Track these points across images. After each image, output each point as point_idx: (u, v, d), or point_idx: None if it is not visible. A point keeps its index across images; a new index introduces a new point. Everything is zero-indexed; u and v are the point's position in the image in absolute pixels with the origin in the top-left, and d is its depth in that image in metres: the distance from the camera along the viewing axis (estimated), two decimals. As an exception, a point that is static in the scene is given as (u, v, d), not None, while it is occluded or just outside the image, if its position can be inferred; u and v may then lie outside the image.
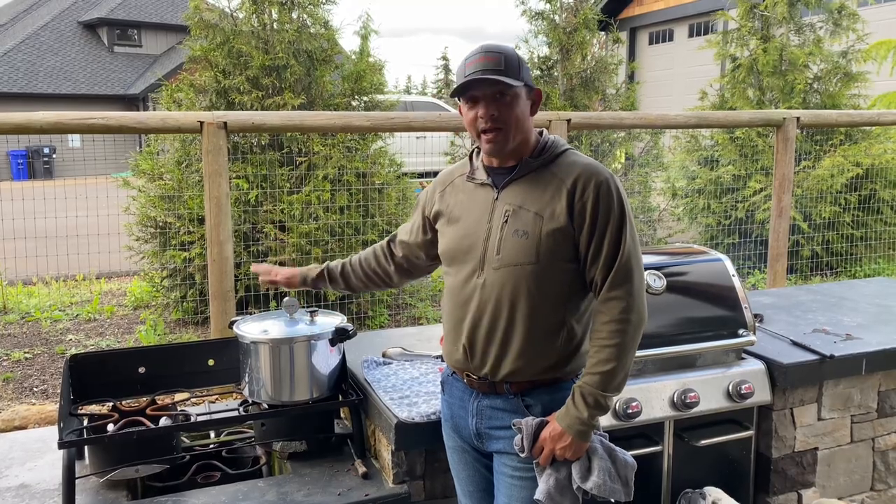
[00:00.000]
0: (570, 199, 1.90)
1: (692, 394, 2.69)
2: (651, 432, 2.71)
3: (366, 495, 2.37)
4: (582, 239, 1.91)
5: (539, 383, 1.98)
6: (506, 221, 1.94)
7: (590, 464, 1.92)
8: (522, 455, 1.92)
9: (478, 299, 1.97)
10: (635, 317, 1.90)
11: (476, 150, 2.08)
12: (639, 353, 2.23)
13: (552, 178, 1.94)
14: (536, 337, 1.94)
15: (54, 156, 21.81)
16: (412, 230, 2.27)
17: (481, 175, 2.03)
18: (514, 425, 1.95)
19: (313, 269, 2.46)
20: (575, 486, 1.91)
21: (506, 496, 2.01)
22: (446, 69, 40.04)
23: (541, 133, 2.03)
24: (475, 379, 2.02)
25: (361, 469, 2.49)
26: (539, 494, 1.90)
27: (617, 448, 1.98)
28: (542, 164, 1.96)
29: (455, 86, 1.94)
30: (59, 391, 3.74)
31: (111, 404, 2.65)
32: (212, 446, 2.79)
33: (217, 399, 2.99)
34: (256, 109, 5.74)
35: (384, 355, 2.91)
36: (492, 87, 1.90)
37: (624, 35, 16.68)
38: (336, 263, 2.44)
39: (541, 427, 1.92)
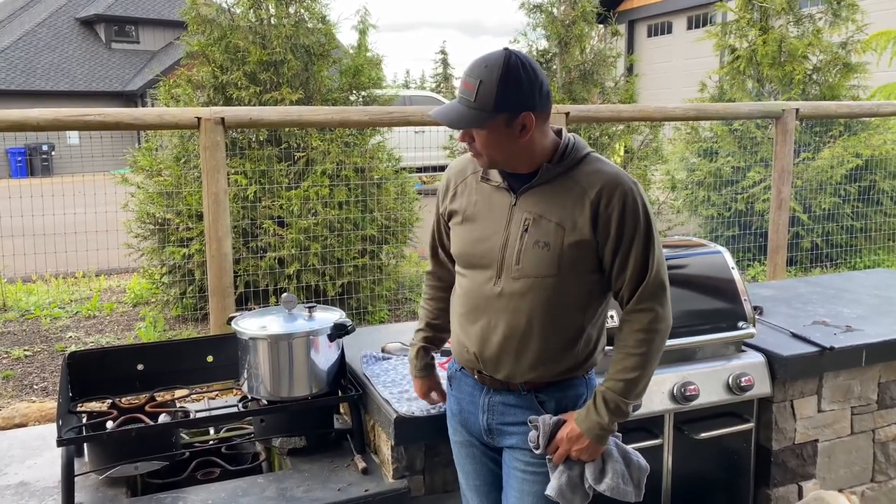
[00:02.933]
0: (595, 210, 1.82)
1: (692, 387, 2.68)
2: (651, 426, 2.70)
3: (365, 490, 2.37)
4: (606, 251, 1.85)
5: (552, 383, 1.97)
6: (525, 230, 1.86)
7: (604, 465, 1.92)
8: (537, 451, 1.91)
9: (494, 308, 1.92)
10: (663, 326, 1.89)
11: None
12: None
13: (574, 185, 1.84)
14: (554, 347, 1.91)
15: (53, 153, 21.79)
16: (441, 237, 2.15)
17: (496, 177, 1.93)
18: (530, 422, 1.94)
19: (422, 348, 2.25)
20: (587, 485, 1.91)
21: (517, 490, 2.00)
22: (445, 63, 40.03)
23: (559, 133, 1.92)
24: (487, 376, 2.00)
25: (361, 464, 2.49)
26: (550, 490, 1.91)
27: (631, 451, 1.98)
28: (563, 170, 1.86)
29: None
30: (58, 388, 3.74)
31: (110, 401, 2.66)
32: (211, 443, 2.79)
33: (216, 395, 2.99)
34: (254, 105, 5.73)
35: (383, 350, 2.90)
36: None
37: (622, 28, 16.66)
38: (425, 328, 2.25)
39: (558, 426, 1.91)
